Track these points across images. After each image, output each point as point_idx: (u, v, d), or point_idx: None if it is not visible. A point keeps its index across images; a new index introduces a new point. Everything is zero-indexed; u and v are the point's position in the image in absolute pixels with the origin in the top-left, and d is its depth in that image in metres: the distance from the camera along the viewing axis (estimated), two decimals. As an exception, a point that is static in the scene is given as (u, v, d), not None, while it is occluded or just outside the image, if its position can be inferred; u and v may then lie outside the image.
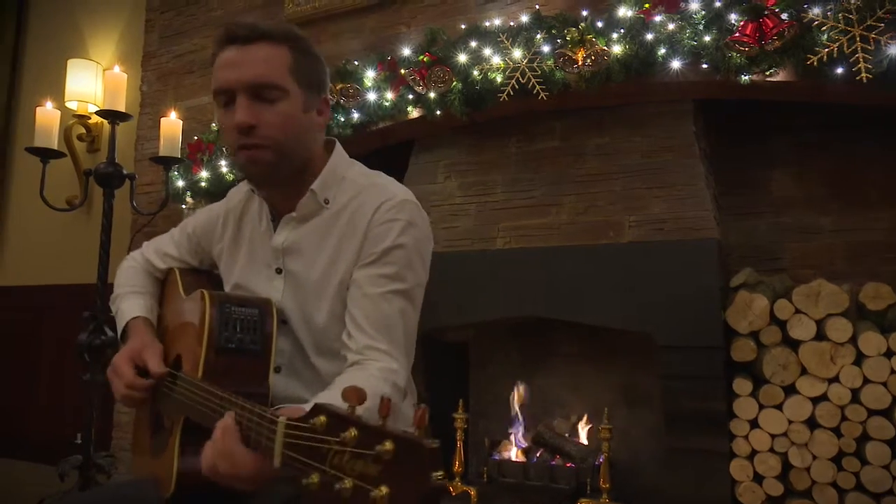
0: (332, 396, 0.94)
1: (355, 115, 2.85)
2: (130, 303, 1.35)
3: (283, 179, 1.15)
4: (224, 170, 3.33)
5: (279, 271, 1.21)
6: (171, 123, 2.80)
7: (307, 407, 0.86)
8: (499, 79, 2.54)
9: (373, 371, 1.07)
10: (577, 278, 2.50)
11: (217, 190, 3.41)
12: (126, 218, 3.62)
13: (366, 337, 1.10)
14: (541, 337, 2.97)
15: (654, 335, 2.32)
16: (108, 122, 2.64)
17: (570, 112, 2.68)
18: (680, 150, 2.47)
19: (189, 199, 3.56)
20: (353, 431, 0.69)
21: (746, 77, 2.21)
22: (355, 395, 0.73)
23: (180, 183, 3.48)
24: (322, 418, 0.72)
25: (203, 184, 3.42)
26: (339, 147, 1.24)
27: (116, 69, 2.70)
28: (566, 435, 2.70)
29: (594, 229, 2.54)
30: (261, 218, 1.25)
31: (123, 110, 2.61)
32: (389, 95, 2.79)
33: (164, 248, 1.43)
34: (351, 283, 1.14)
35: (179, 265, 1.40)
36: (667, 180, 2.44)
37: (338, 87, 2.89)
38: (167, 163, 2.80)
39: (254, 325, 1.10)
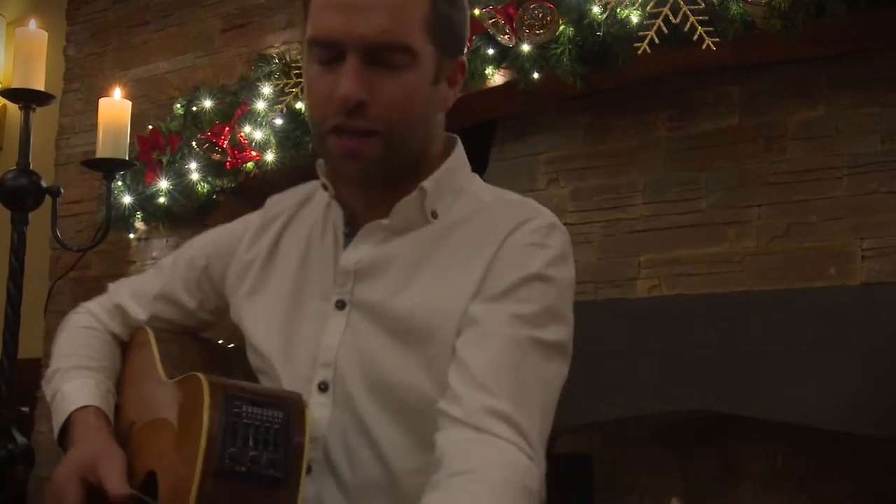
0: None
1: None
2: (76, 384, 1.39)
3: (385, 178, 1.22)
4: (195, 176, 3.47)
5: (341, 305, 1.25)
6: (114, 106, 2.90)
7: None
8: (635, 18, 2.56)
9: (501, 456, 1.08)
10: (776, 346, 2.46)
11: (183, 210, 3.55)
12: (42, 255, 3.79)
13: (486, 395, 1.11)
14: (714, 446, 2.92)
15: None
16: (20, 108, 2.76)
17: (756, 69, 2.68)
18: (949, 126, 2.44)
19: (140, 224, 3.71)
20: None
21: None
22: None
23: (127, 199, 3.65)
24: None
25: (162, 199, 3.56)
26: (460, 146, 1.31)
27: (32, 25, 2.83)
28: None
29: (803, 263, 2.51)
30: (324, 231, 1.32)
31: (42, 88, 2.74)
32: (456, 51, 2.85)
33: (143, 286, 1.48)
34: (463, 325, 1.17)
35: (164, 311, 1.46)
36: (928, 179, 2.41)
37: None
38: (109, 168, 2.91)
39: (275, 437, 1.11)
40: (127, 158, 2.88)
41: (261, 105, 3.27)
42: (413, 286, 1.22)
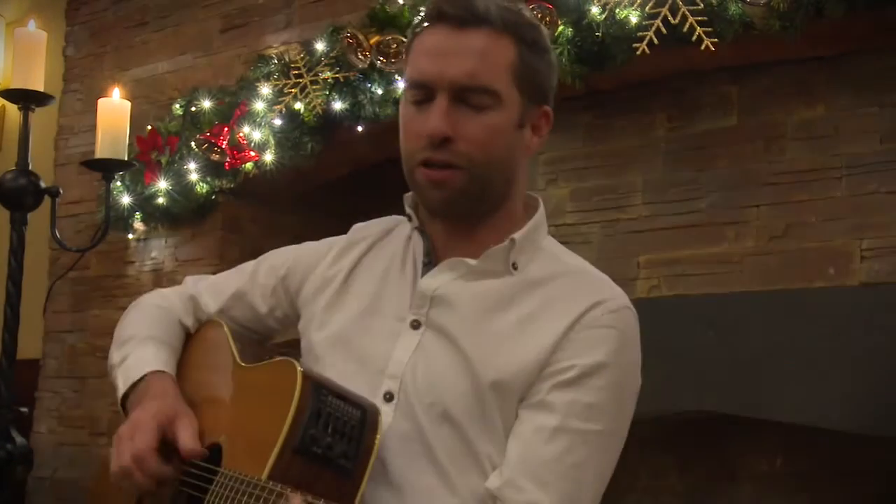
0: None
1: (400, 86, 2.92)
2: (153, 351, 1.47)
3: (467, 212, 1.34)
4: (194, 177, 3.47)
5: (416, 325, 1.34)
6: (114, 107, 2.92)
7: None
8: (634, 18, 2.57)
9: None
10: (775, 347, 2.46)
11: (182, 210, 3.56)
12: (41, 256, 3.80)
13: (541, 491, 1.22)
14: (714, 446, 2.92)
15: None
16: (19, 109, 2.78)
17: (755, 70, 2.68)
18: (948, 126, 2.44)
19: (139, 225, 3.72)
20: None
21: None
22: None
23: (126, 199, 3.65)
24: None
25: (161, 199, 3.57)
26: (542, 207, 1.42)
27: (31, 25, 2.85)
28: None
29: (802, 264, 2.51)
30: (404, 260, 1.41)
31: (42, 88, 2.75)
32: (455, 51, 2.85)
33: (220, 283, 1.58)
34: (534, 400, 1.27)
35: (234, 310, 1.53)
36: (927, 179, 2.41)
37: (372, 41, 2.98)
38: (108, 168, 2.92)
39: (350, 431, 1.20)
40: (126, 159, 2.90)
41: (259, 105, 3.27)
42: (485, 332, 1.30)
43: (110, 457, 1.35)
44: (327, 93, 3.14)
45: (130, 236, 3.76)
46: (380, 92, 3.02)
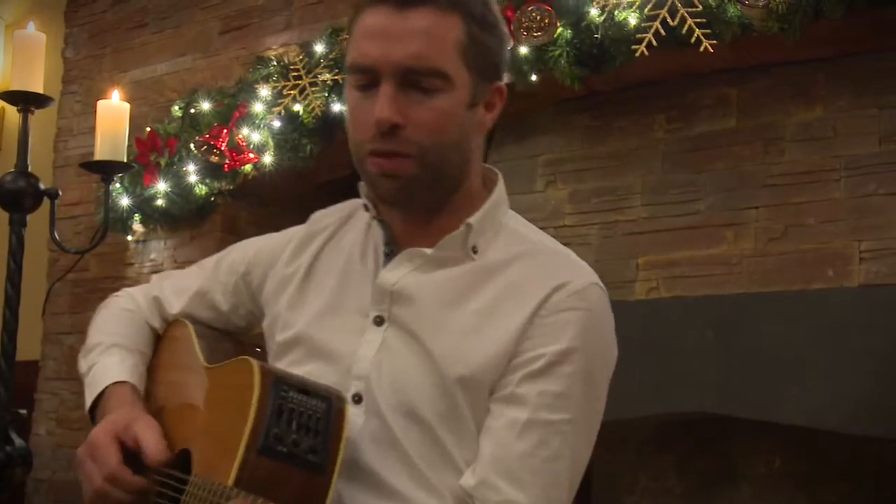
0: None
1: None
2: (116, 360, 1.44)
3: (422, 200, 1.28)
4: (193, 179, 3.47)
5: (379, 321, 1.30)
6: (113, 108, 2.92)
7: None
8: (633, 20, 2.57)
9: None
10: (774, 348, 2.47)
11: (181, 212, 3.56)
12: (40, 257, 3.80)
13: (514, 490, 1.19)
14: (713, 448, 2.93)
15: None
16: (19, 111, 2.79)
17: (754, 71, 2.69)
18: (946, 128, 2.45)
19: (138, 226, 3.72)
20: None
21: None
22: None
23: (125, 201, 3.66)
24: None
25: (160, 201, 3.58)
26: (502, 181, 1.36)
27: (31, 27, 2.86)
28: None
29: (801, 265, 2.52)
30: (365, 251, 1.37)
31: (41, 90, 2.76)
32: (454, 53, 2.86)
33: (183, 282, 1.54)
34: (504, 392, 1.23)
35: (197, 310, 1.50)
36: (926, 180, 2.42)
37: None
38: (107, 170, 2.92)
39: (316, 425, 1.17)
40: (125, 161, 2.90)
41: (259, 107, 3.28)
42: (448, 326, 1.26)
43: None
44: (326, 94, 3.14)
45: (129, 238, 3.76)
46: (378, 94, 3.03)
